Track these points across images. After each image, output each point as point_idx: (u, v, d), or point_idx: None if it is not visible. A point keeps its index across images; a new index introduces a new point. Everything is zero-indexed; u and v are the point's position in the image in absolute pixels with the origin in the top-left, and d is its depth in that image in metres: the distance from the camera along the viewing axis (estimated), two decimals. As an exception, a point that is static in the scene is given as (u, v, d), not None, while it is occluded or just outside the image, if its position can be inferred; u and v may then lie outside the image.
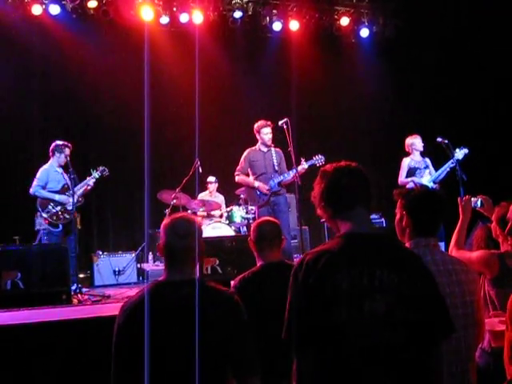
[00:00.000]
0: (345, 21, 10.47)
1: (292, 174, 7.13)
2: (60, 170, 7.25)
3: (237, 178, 7.60)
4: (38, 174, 7.12)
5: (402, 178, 7.81)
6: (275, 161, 7.33)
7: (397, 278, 1.98)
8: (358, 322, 1.93)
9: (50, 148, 7.25)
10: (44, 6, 9.04)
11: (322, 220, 9.24)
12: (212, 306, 2.41)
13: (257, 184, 7.31)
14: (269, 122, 7.37)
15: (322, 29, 10.47)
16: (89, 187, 7.31)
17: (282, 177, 7.20)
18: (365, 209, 2.18)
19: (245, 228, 9.38)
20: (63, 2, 9.16)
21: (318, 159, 7.21)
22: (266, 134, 7.35)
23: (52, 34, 9.14)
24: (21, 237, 7.74)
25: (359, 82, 10.72)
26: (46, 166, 7.22)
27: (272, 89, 10.46)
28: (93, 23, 9.40)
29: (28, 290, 5.50)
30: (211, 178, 9.59)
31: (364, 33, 10.63)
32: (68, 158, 7.11)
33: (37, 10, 8.98)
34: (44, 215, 6.94)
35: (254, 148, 7.55)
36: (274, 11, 10.22)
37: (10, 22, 8.89)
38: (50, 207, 6.98)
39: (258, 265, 3.57)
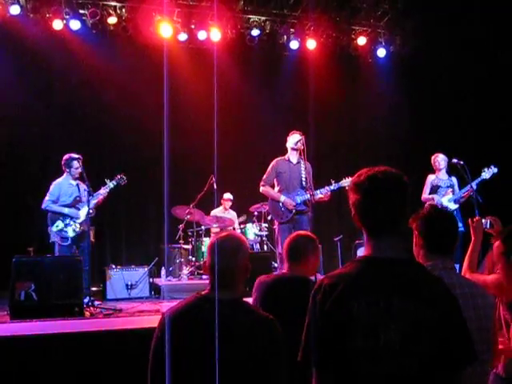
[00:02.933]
0: (362, 40, 10.52)
1: (320, 194, 6.85)
2: (74, 183, 7.22)
3: (261, 189, 7.19)
4: (50, 189, 7.14)
5: (425, 194, 7.82)
6: (303, 175, 6.96)
7: (415, 306, 1.90)
8: (373, 351, 1.88)
9: (62, 162, 7.26)
10: (65, 22, 9.20)
11: (336, 238, 9.25)
12: (251, 329, 2.37)
13: (283, 199, 6.92)
14: (299, 132, 7.04)
15: (339, 48, 10.53)
16: (101, 196, 7.19)
17: (307, 195, 6.81)
18: (394, 232, 2.05)
19: (258, 245, 9.38)
20: (84, 18, 9.33)
21: (348, 182, 6.86)
22: (292, 141, 7.02)
23: (72, 48, 9.30)
24: (35, 248, 7.81)
25: (376, 101, 10.74)
26: (59, 180, 7.23)
27: (289, 107, 10.52)
28: (112, 39, 9.56)
29: (41, 301, 5.51)
30: (229, 195, 9.62)
31: (381, 52, 10.66)
32: (79, 170, 7.10)
33: (58, 25, 9.14)
34: (53, 229, 6.95)
35: (282, 158, 7.17)
36: (292, 30, 10.31)
37: (32, 37, 9.05)
38: (59, 221, 6.97)
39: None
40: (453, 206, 7.57)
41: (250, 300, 3.55)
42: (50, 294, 5.57)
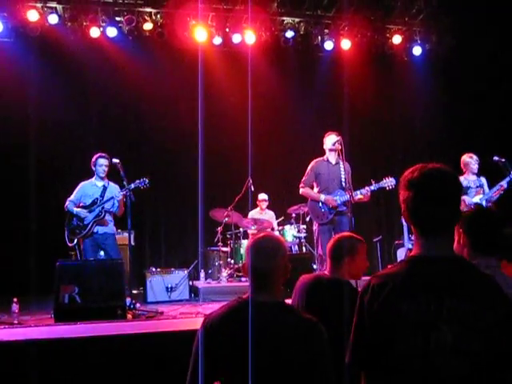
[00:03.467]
0: (397, 39, 10.41)
1: (360, 194, 6.78)
2: (100, 184, 7.15)
3: (301, 191, 7.13)
4: (75, 190, 7.20)
5: None
6: (343, 176, 6.88)
7: (467, 306, 1.86)
8: (423, 352, 1.84)
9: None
10: (101, 29, 9.35)
11: (375, 239, 9.16)
12: (294, 332, 2.34)
13: (323, 198, 6.86)
14: (335, 132, 7.00)
15: (374, 47, 10.43)
16: (119, 198, 6.96)
17: (347, 196, 6.68)
18: (445, 232, 2.01)
19: (296, 247, 9.35)
20: (120, 25, 9.46)
21: (389, 182, 6.77)
22: (330, 141, 6.97)
23: (109, 55, 9.46)
24: (76, 253, 7.93)
25: (412, 100, 10.63)
26: (85, 182, 7.26)
27: (324, 108, 10.47)
28: (148, 44, 9.67)
29: (84, 304, 5.60)
30: (263, 196, 9.62)
31: (417, 51, 10.53)
32: (104, 168, 7.08)
33: (95, 32, 9.31)
34: (66, 230, 7.01)
35: (321, 159, 7.12)
36: (326, 30, 10.27)
37: (70, 45, 9.23)
38: (72, 222, 6.99)
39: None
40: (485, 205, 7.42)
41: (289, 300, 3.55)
42: (93, 296, 5.66)
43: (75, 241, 6.99)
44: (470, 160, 7.64)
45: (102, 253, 7.24)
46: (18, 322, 5.61)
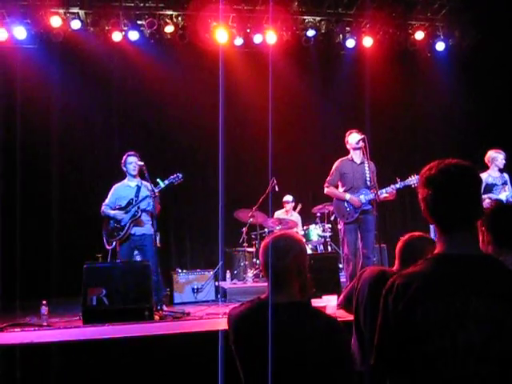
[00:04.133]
0: (420, 35, 10.31)
1: (386, 193, 6.76)
2: (133, 184, 7.11)
3: (326, 190, 7.11)
4: (109, 193, 7.16)
5: None
6: (367, 175, 6.84)
7: (495, 305, 1.82)
8: (450, 353, 1.81)
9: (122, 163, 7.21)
10: (123, 33, 9.43)
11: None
12: (313, 334, 2.30)
13: (348, 196, 6.84)
14: (356, 130, 6.96)
15: (397, 44, 10.35)
16: (152, 195, 6.76)
17: (372, 195, 6.65)
18: (466, 226, 1.97)
19: (321, 246, 9.32)
20: (141, 29, 9.53)
21: (414, 180, 6.67)
22: (353, 140, 6.92)
23: (131, 58, 9.54)
24: (104, 255, 8.00)
25: (436, 97, 10.52)
26: (118, 184, 7.22)
27: (347, 106, 10.42)
28: (170, 47, 9.73)
29: (112, 306, 5.63)
30: (288, 197, 9.60)
31: (440, 46, 10.42)
32: (135, 166, 7.00)
33: (117, 36, 9.39)
34: (104, 234, 7.00)
35: (345, 158, 7.09)
36: (347, 28, 10.21)
37: (92, 50, 9.34)
38: (109, 225, 6.97)
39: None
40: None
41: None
42: (121, 298, 5.69)
43: (114, 243, 6.98)
44: (498, 155, 7.50)
45: (137, 257, 7.29)
46: (47, 324, 5.67)
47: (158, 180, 6.89)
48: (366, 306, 3.14)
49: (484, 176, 7.43)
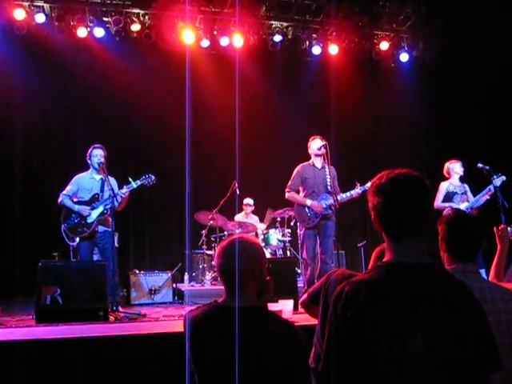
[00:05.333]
0: (384, 45, 10.49)
1: (345, 197, 6.84)
2: (98, 177, 6.84)
3: (287, 195, 7.11)
4: (70, 182, 6.87)
5: (438, 202, 7.50)
6: (328, 180, 6.89)
7: (441, 313, 1.85)
8: (397, 361, 1.83)
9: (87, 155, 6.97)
10: (89, 29, 9.33)
11: (359, 244, 9.18)
12: (270, 338, 2.29)
13: (309, 202, 6.85)
14: (320, 136, 7.00)
15: (362, 53, 10.51)
16: (123, 196, 6.66)
17: (332, 200, 6.70)
18: (416, 236, 2.00)
19: (280, 251, 9.35)
20: (107, 26, 9.44)
21: None
22: (315, 146, 6.97)
23: (96, 55, 9.43)
24: (60, 253, 7.86)
25: (398, 106, 10.72)
26: (81, 174, 6.92)
27: (311, 112, 10.52)
28: (135, 46, 9.67)
29: (66, 305, 5.53)
30: (249, 200, 9.61)
31: (404, 57, 10.62)
32: (101, 159, 6.72)
33: (82, 32, 9.28)
34: (64, 227, 6.66)
35: (307, 163, 7.11)
36: (314, 35, 10.32)
37: (57, 45, 9.20)
38: (70, 219, 6.65)
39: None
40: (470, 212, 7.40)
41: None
42: (76, 298, 5.59)
43: (77, 240, 6.72)
44: (455, 164, 7.63)
45: (95, 256, 7.09)
46: (-2, 323, 5.55)
47: (130, 179, 6.74)
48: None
49: (445, 185, 7.57)
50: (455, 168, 7.62)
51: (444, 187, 7.58)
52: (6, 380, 4.20)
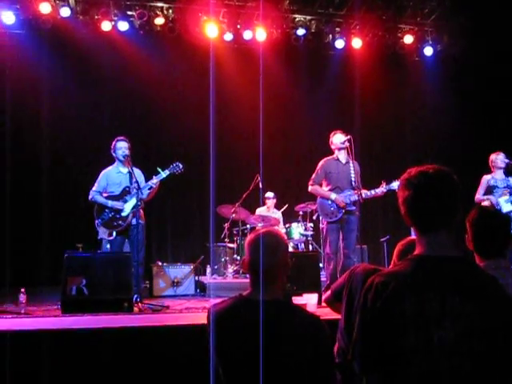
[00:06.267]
0: (408, 39, 10.39)
1: (369, 194, 6.82)
2: (125, 170, 6.86)
3: (310, 188, 7.06)
4: (98, 178, 6.90)
5: (479, 195, 7.49)
6: (353, 175, 6.87)
7: (470, 305, 1.88)
8: (425, 350, 1.86)
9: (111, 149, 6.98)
10: (113, 23, 9.38)
11: (382, 239, 9.13)
12: (296, 331, 2.30)
13: (333, 196, 6.81)
14: (340, 131, 7.00)
15: (385, 47, 10.41)
16: (154, 186, 6.71)
17: (356, 196, 6.72)
18: (446, 229, 2.03)
19: (303, 245, 9.35)
20: (131, 19, 9.48)
21: (397, 184, 6.55)
22: (338, 140, 6.94)
23: (120, 49, 9.49)
24: (84, 245, 7.95)
25: (423, 100, 10.63)
26: (108, 168, 6.97)
27: (334, 106, 10.47)
28: (159, 39, 9.71)
29: (92, 296, 5.60)
30: (269, 194, 9.61)
31: (428, 51, 10.51)
32: (125, 152, 6.76)
33: (106, 26, 9.33)
34: (98, 222, 6.76)
35: (331, 157, 7.07)
36: (337, 29, 10.25)
37: (81, 38, 9.28)
38: (104, 214, 6.71)
39: None
40: (510, 208, 7.34)
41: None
42: (101, 289, 5.65)
43: (114, 234, 6.74)
44: (496, 156, 7.55)
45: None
46: (24, 312, 5.63)
47: (158, 169, 6.75)
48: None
49: (487, 178, 7.55)
50: (496, 161, 7.54)
51: (485, 180, 7.55)
52: (32, 369, 4.26)
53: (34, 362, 4.22)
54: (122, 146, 6.85)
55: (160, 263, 8.27)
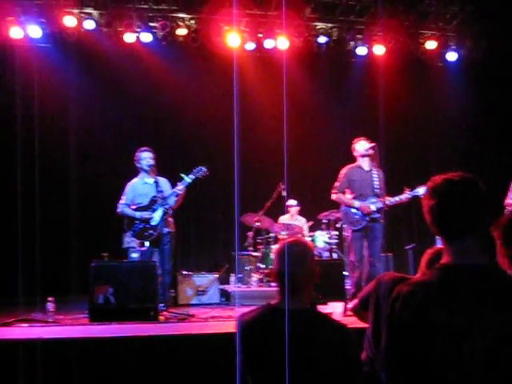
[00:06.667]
0: (431, 44, 10.31)
1: (394, 201, 6.80)
2: (151, 181, 6.91)
3: (333, 196, 7.04)
4: (125, 191, 6.98)
5: (508, 199, 7.19)
6: (376, 183, 6.82)
7: (498, 315, 1.85)
8: (453, 362, 1.83)
9: (135, 160, 7.06)
10: (136, 35, 9.48)
11: (407, 247, 9.04)
12: (325, 340, 2.32)
13: (357, 204, 6.79)
14: (364, 138, 6.99)
15: (408, 53, 10.35)
16: (180, 193, 6.79)
17: (380, 203, 6.69)
18: (473, 236, 2.00)
19: (327, 253, 9.31)
20: (154, 31, 9.57)
21: (422, 191, 6.59)
22: (362, 147, 6.92)
23: (144, 60, 9.60)
24: (109, 254, 8.02)
25: (447, 107, 10.52)
26: (133, 180, 7.03)
27: (358, 113, 10.42)
28: (182, 50, 9.79)
29: (119, 305, 5.66)
30: (292, 202, 9.59)
31: (451, 56, 10.42)
32: (150, 162, 6.86)
33: (130, 38, 9.43)
34: (130, 234, 6.86)
35: (354, 165, 7.05)
36: (359, 36, 10.22)
37: (106, 50, 9.41)
38: (135, 226, 6.76)
39: None
40: None
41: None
42: (127, 297, 5.72)
43: (146, 244, 6.81)
44: None
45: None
46: (52, 321, 5.71)
47: (182, 175, 6.79)
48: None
49: None
50: None
51: None
52: (61, 376, 4.32)
53: (63, 370, 4.28)
54: (146, 157, 6.94)
55: (185, 272, 8.31)
